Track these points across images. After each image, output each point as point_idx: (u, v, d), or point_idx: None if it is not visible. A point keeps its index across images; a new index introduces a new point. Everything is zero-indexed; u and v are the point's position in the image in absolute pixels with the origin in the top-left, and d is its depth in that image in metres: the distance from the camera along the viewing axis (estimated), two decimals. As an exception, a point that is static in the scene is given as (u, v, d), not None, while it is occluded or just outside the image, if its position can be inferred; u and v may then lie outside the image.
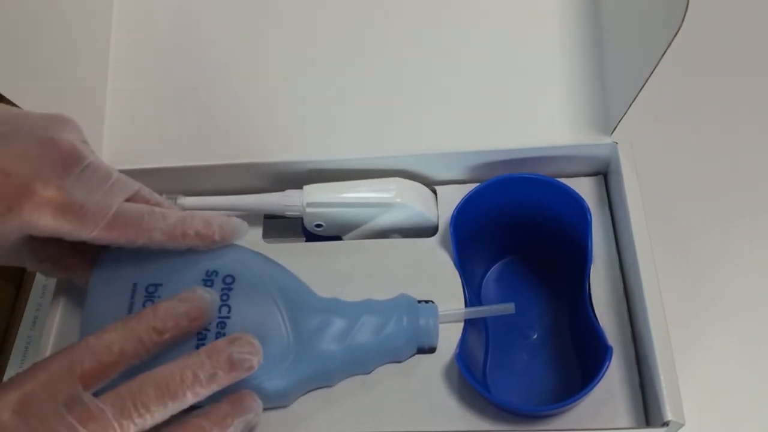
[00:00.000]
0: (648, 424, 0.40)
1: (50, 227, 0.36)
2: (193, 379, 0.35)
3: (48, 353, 0.42)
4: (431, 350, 0.42)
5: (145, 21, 0.52)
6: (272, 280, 0.41)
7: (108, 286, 0.41)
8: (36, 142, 0.36)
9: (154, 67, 0.51)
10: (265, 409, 0.40)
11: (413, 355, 0.42)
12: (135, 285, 0.40)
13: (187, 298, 0.38)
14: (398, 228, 0.47)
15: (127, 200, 0.38)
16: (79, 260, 0.42)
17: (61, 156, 0.36)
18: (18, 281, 0.58)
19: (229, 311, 0.39)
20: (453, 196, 0.45)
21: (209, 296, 0.39)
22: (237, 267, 0.41)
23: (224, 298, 0.40)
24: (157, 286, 0.40)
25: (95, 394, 0.34)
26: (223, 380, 0.36)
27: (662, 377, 0.38)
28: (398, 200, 0.45)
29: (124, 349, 0.35)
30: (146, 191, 0.40)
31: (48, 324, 0.43)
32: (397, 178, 0.46)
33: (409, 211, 0.46)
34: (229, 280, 0.40)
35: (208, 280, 0.40)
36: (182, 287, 0.39)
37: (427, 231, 0.46)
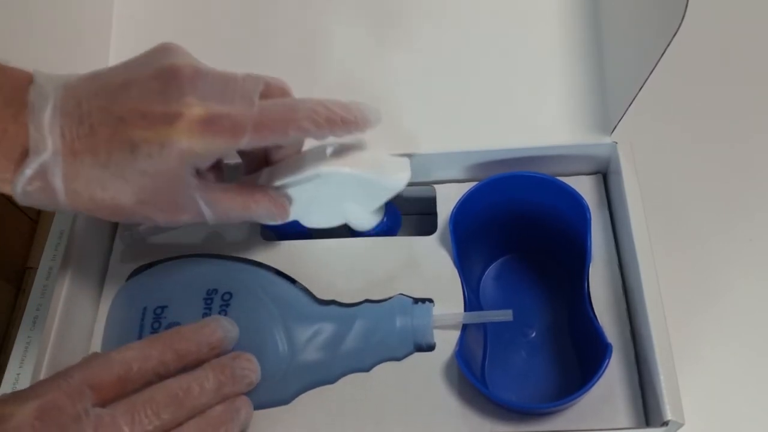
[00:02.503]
0: (648, 423, 0.40)
1: (205, 148, 0.35)
2: (200, 391, 0.37)
3: (48, 353, 0.42)
4: (429, 348, 0.42)
5: (146, 21, 0.52)
6: (268, 294, 0.43)
7: (122, 312, 0.45)
8: (153, 74, 0.36)
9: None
10: (265, 407, 0.41)
11: (411, 353, 0.42)
12: (145, 309, 0.43)
13: (210, 326, 0.40)
14: (363, 201, 0.44)
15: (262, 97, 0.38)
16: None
17: (184, 76, 0.36)
18: (18, 281, 0.58)
19: None
20: (452, 195, 0.45)
21: (231, 327, 0.40)
22: (234, 284, 0.43)
23: (222, 314, 0.42)
24: (163, 308, 0.43)
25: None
26: (227, 392, 0.38)
27: (662, 377, 0.38)
28: (325, 168, 0.41)
29: (143, 367, 0.37)
30: (275, 82, 0.39)
31: (48, 324, 0.43)
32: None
33: (345, 178, 0.42)
34: (227, 296, 0.43)
35: (208, 299, 0.43)
36: (185, 307, 0.43)
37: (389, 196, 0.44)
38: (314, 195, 0.43)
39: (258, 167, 0.43)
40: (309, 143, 0.42)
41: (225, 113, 0.36)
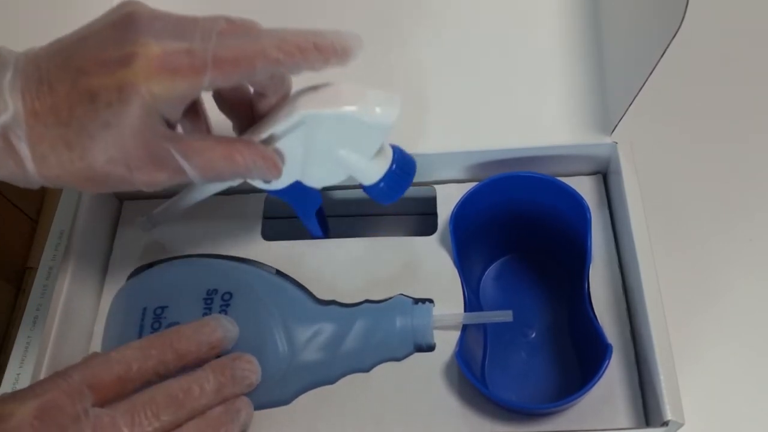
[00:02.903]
0: (648, 423, 0.40)
1: (165, 89, 0.33)
2: (200, 392, 0.37)
3: (48, 353, 0.42)
4: (429, 348, 0.42)
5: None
6: (268, 294, 0.43)
7: (122, 312, 0.45)
8: (110, 24, 0.35)
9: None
10: (265, 407, 0.41)
11: (411, 353, 0.42)
12: (145, 309, 0.43)
13: (210, 326, 0.40)
14: (357, 145, 0.40)
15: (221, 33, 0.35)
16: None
17: (141, 19, 0.34)
18: (18, 281, 0.58)
19: None
20: (453, 195, 0.45)
21: (231, 327, 0.40)
22: (234, 284, 0.43)
23: (222, 314, 0.42)
24: (163, 308, 0.43)
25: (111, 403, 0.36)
26: (227, 394, 0.38)
27: (662, 377, 0.38)
28: (302, 111, 0.37)
29: (142, 367, 0.37)
30: (241, 19, 0.36)
31: (48, 324, 0.43)
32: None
33: (326, 119, 0.38)
34: (227, 297, 0.43)
35: (208, 299, 0.43)
36: (185, 307, 0.43)
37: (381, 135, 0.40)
38: (304, 147, 0.39)
39: (249, 127, 0.40)
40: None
41: (182, 49, 0.34)
